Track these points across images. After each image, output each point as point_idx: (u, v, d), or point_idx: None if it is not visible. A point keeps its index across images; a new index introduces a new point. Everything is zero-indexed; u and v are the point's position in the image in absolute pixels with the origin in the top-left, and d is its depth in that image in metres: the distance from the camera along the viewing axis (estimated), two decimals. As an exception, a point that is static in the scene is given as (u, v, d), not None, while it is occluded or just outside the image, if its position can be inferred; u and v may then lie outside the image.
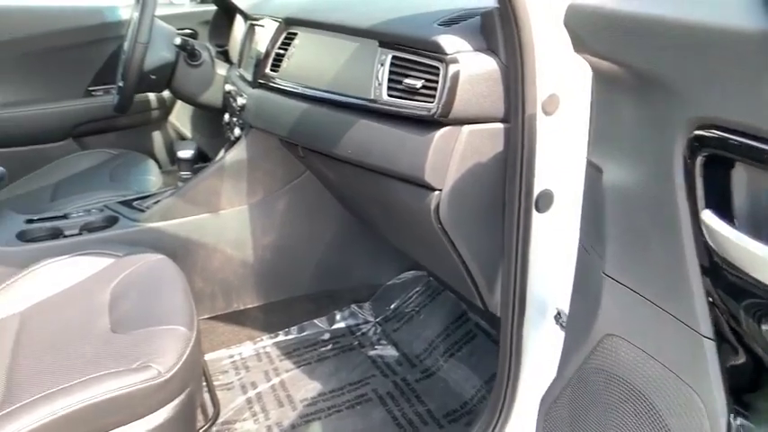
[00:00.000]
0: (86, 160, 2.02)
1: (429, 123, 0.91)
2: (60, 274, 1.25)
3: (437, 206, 0.93)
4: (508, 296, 0.95)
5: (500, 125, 0.90)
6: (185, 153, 1.54)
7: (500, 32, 0.87)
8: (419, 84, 0.91)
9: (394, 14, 1.04)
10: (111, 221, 1.49)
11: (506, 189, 0.90)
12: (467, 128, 0.90)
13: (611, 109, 0.59)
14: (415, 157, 0.91)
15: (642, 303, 0.54)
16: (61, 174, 1.94)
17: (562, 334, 0.97)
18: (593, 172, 0.63)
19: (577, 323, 0.70)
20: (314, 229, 1.61)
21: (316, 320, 1.63)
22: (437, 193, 0.93)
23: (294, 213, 1.57)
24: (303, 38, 1.25)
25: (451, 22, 0.94)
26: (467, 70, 0.87)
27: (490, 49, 0.89)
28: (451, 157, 0.90)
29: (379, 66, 0.99)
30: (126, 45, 1.67)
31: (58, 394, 0.87)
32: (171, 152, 2.37)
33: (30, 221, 1.47)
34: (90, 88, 2.19)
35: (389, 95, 0.97)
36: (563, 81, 0.86)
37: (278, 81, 1.29)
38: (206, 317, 1.59)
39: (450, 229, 0.95)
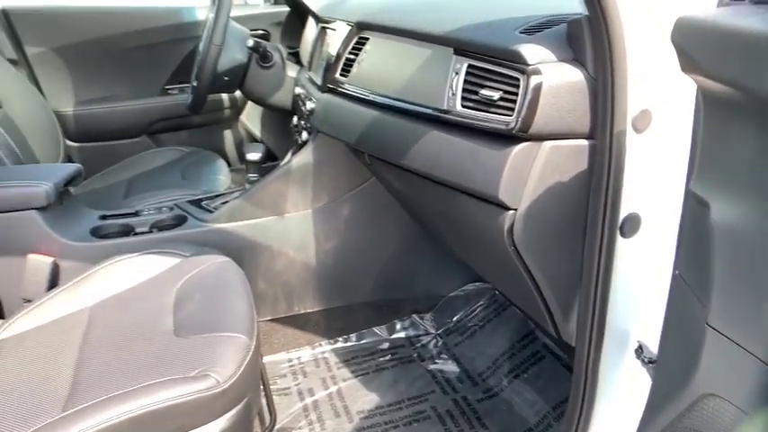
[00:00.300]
0: (160, 157, 2.08)
1: (506, 138, 0.85)
2: (129, 272, 1.27)
3: (511, 226, 0.87)
4: (585, 325, 0.88)
5: (584, 142, 0.83)
6: (254, 156, 1.54)
7: (588, 41, 0.80)
8: (497, 95, 0.85)
9: (471, 21, 0.99)
10: (180, 220, 1.52)
11: (589, 211, 0.83)
12: (547, 144, 0.83)
13: (724, 137, 0.51)
14: (490, 174, 0.86)
15: (757, 366, 0.47)
16: (135, 170, 2.00)
17: (643, 370, 0.89)
18: (697, 206, 0.56)
19: (669, 373, 0.63)
20: (377, 236, 1.58)
21: (375, 328, 1.60)
22: (512, 212, 0.87)
23: (358, 219, 1.55)
24: (375, 43, 1.22)
25: (534, 29, 0.88)
26: (550, 82, 0.81)
27: (577, 60, 0.82)
28: (529, 174, 0.84)
29: (454, 74, 0.94)
30: (201, 46, 1.69)
31: (120, 399, 0.87)
32: (240, 151, 2.41)
33: (103, 218, 1.51)
34: (166, 87, 2.26)
35: (464, 106, 0.91)
36: (657, 96, 0.78)
37: (347, 86, 1.27)
38: (267, 319, 1.60)
39: (525, 252, 0.89)
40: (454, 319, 1.60)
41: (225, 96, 2.30)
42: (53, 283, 1.36)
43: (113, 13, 2.15)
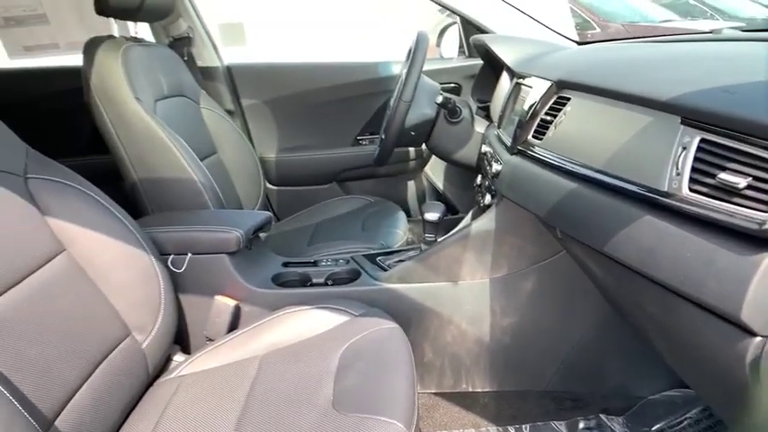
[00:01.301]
0: (345, 205, 2.14)
1: (756, 240, 0.64)
2: (301, 324, 1.28)
3: (757, 358, 0.65)
4: None
5: None
6: (431, 216, 1.47)
7: None
8: (743, 182, 0.65)
9: (705, 83, 0.79)
10: (354, 275, 1.50)
11: None
12: (821, 254, 0.61)
13: None
14: (728, 285, 0.65)
15: None
16: (322, 216, 2.08)
17: None
18: None
19: None
20: (564, 318, 1.39)
21: (553, 423, 1.39)
22: (759, 340, 0.64)
23: (542, 296, 1.37)
24: (577, 104, 1.07)
25: (803, 96, 0.66)
26: (829, 170, 0.59)
27: None
28: (789, 293, 0.62)
29: (680, 150, 0.75)
30: (391, 101, 1.69)
31: (267, 480, 0.83)
32: (422, 202, 2.38)
33: (285, 265, 1.56)
34: (358, 137, 2.34)
35: (692, 190, 0.72)
36: None
37: (540, 150, 1.13)
38: (431, 391, 1.49)
39: (776, 394, 0.66)
40: (653, 428, 1.32)
41: (411, 148, 2.30)
42: (233, 325, 1.42)
43: (317, 69, 2.30)
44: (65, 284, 1.12)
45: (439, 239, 1.48)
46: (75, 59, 1.64)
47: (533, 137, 1.19)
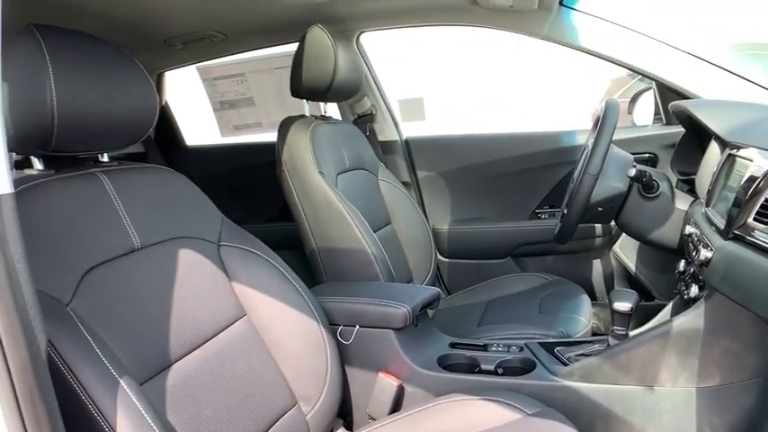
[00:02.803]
0: (521, 283, 2.01)
1: None
2: (467, 416, 1.19)
3: None
4: None
5: None
6: (622, 305, 1.28)
7: None
8: None
9: None
10: (527, 366, 1.36)
11: None
12: None
13: None
14: None
15: None
16: (495, 293, 1.97)
17: None
18: None
19: None
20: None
21: None
22: None
23: (769, 417, 1.10)
24: (820, 181, 0.85)
25: None
26: None
27: None
28: None
29: None
30: (576, 173, 1.56)
31: None
32: (609, 284, 2.14)
33: (453, 345, 1.47)
34: (536, 210, 2.21)
35: None
36: None
37: (765, 237, 0.92)
38: None
39: None
40: None
41: (597, 224, 2.11)
42: (396, 406, 1.37)
43: (494, 140, 2.26)
44: (242, 348, 1.17)
45: (631, 333, 1.28)
46: (273, 136, 1.80)
47: (755, 219, 0.97)
